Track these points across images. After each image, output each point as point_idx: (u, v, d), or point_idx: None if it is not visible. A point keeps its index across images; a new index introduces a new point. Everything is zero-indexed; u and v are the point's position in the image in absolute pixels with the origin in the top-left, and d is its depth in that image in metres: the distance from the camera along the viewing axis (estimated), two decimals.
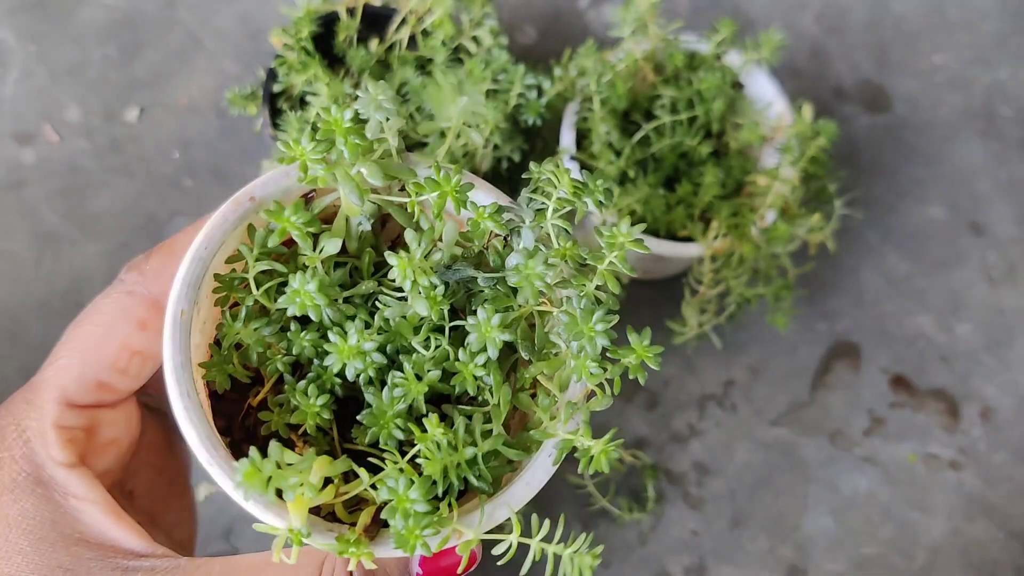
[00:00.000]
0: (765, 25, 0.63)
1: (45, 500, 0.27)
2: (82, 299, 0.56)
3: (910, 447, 0.55)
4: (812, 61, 0.62)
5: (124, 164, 0.59)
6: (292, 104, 0.48)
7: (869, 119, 0.61)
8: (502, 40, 0.48)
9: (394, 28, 0.49)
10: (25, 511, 0.27)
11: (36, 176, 0.58)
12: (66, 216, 0.58)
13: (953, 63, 0.63)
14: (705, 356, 0.55)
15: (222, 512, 0.53)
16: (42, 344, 0.55)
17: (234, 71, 0.61)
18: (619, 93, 0.44)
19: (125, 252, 0.57)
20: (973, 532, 0.54)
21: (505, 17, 0.62)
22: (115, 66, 0.61)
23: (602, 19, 0.63)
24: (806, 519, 0.54)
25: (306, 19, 0.46)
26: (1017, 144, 0.61)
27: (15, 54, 0.61)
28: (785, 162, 0.44)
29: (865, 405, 0.56)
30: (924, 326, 0.57)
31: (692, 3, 0.63)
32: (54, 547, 0.27)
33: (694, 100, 0.46)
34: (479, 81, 0.45)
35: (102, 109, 0.60)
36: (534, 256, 0.24)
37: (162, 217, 0.58)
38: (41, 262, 0.57)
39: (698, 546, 0.53)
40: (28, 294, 0.56)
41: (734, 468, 0.54)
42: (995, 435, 0.56)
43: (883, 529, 0.54)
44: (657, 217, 0.44)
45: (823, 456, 0.55)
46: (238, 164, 0.59)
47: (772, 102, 0.47)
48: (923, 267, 0.58)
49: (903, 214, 0.59)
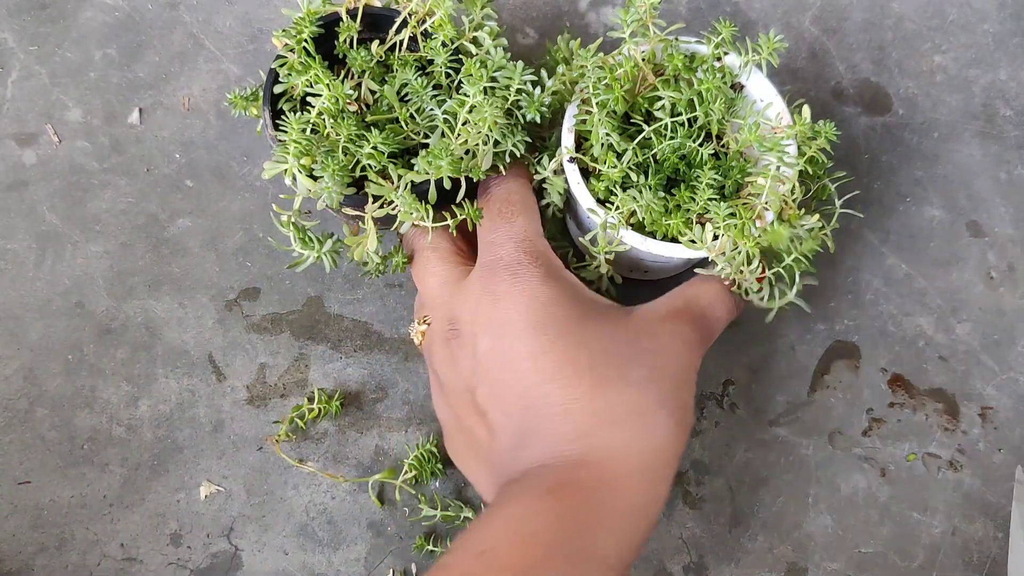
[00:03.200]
0: (765, 25, 0.63)
1: (564, 281, 0.43)
2: (83, 299, 0.56)
3: (909, 447, 0.55)
4: (812, 61, 0.62)
5: (125, 165, 0.59)
6: (293, 105, 0.48)
7: (869, 119, 0.61)
8: (502, 41, 0.48)
9: (395, 29, 0.49)
10: (558, 288, 0.42)
11: (37, 177, 0.59)
12: (67, 217, 0.58)
13: (953, 64, 0.63)
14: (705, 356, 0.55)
15: (223, 511, 0.53)
16: (42, 344, 0.55)
17: (235, 72, 0.61)
18: (617, 96, 0.44)
19: (126, 252, 0.57)
20: (972, 532, 0.54)
21: (505, 18, 0.63)
22: (116, 67, 0.61)
23: (603, 20, 0.63)
24: (806, 518, 0.54)
25: (307, 20, 0.47)
26: (1017, 144, 0.61)
27: (16, 55, 0.61)
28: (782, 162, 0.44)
29: (864, 405, 0.56)
30: (923, 326, 0.57)
31: (691, 4, 0.64)
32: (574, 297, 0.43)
33: (695, 101, 0.46)
34: (477, 80, 0.45)
35: (103, 110, 0.60)
36: None
37: (163, 218, 0.58)
38: (42, 262, 0.57)
39: (698, 546, 0.53)
40: (29, 294, 0.56)
41: (734, 468, 0.55)
42: (994, 435, 0.56)
43: (882, 528, 0.54)
44: (655, 220, 0.44)
45: (822, 456, 0.55)
46: (239, 165, 0.59)
47: (771, 102, 0.47)
48: (923, 267, 0.58)
49: (903, 214, 0.59)
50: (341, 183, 0.44)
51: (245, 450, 0.54)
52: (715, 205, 0.44)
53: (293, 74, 0.47)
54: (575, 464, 0.38)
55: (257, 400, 0.55)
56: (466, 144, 0.45)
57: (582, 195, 0.45)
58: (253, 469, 0.54)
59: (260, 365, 0.56)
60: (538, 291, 0.41)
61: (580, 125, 0.46)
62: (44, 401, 0.55)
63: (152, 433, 0.54)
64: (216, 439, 0.54)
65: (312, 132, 0.45)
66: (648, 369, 0.41)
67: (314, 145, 0.44)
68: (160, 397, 0.55)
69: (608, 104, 0.45)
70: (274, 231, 0.57)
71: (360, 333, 0.56)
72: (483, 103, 0.44)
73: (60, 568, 0.52)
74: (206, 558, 0.53)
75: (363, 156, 0.45)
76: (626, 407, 0.39)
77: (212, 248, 0.58)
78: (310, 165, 0.44)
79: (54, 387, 0.55)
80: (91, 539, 0.53)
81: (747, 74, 0.47)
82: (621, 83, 0.45)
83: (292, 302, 0.57)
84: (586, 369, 0.40)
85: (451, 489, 0.54)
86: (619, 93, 0.44)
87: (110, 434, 0.54)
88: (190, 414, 0.55)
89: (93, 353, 0.55)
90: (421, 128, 0.47)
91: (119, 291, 0.57)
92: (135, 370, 0.55)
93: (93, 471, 0.54)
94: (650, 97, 0.47)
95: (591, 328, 0.41)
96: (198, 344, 0.56)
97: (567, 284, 0.43)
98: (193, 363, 0.56)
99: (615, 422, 0.39)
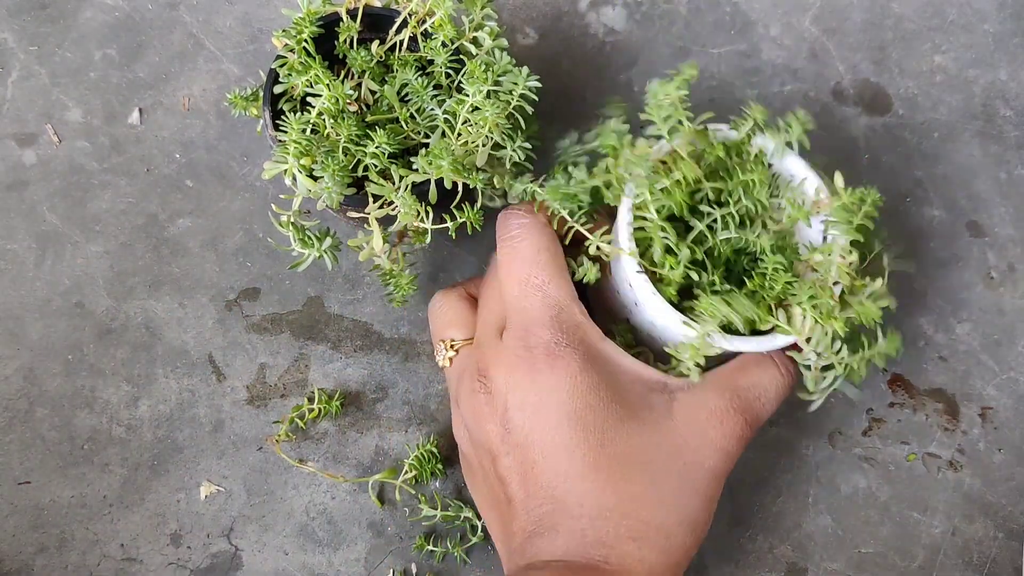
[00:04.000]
0: (765, 25, 0.63)
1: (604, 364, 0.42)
2: (83, 299, 0.56)
3: (909, 447, 0.55)
4: (812, 61, 0.62)
5: (125, 165, 0.59)
6: (294, 106, 0.48)
7: (869, 119, 0.61)
8: (502, 42, 0.48)
9: (395, 30, 0.49)
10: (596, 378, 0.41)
11: (37, 177, 0.59)
12: (67, 217, 0.58)
13: (953, 64, 0.63)
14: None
15: (223, 511, 0.53)
16: (42, 344, 0.55)
17: (235, 72, 0.61)
18: (679, 201, 0.43)
19: (126, 253, 0.57)
20: (972, 532, 0.54)
21: (506, 18, 0.63)
22: (116, 67, 0.61)
23: (603, 20, 0.63)
24: (806, 518, 0.54)
25: (307, 20, 0.47)
26: (1017, 144, 0.61)
27: (16, 55, 0.61)
28: (839, 235, 0.43)
29: (864, 405, 0.56)
30: (923, 326, 0.57)
31: (691, 4, 0.64)
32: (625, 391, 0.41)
33: (740, 191, 0.44)
34: (480, 80, 0.45)
35: (103, 110, 0.60)
36: None
37: (163, 218, 0.58)
38: (42, 262, 0.57)
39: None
40: (29, 294, 0.56)
41: (734, 468, 0.55)
42: (994, 435, 0.56)
43: (882, 528, 0.54)
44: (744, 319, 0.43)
45: (822, 456, 0.55)
46: (239, 165, 0.59)
47: (806, 177, 0.46)
48: (922, 267, 0.58)
49: (902, 214, 0.59)
50: (341, 183, 0.44)
51: (245, 450, 0.54)
52: (796, 287, 0.42)
53: (293, 74, 0.47)
54: (591, 567, 0.39)
55: (257, 400, 0.55)
56: (467, 145, 0.45)
57: (664, 312, 0.42)
58: (253, 469, 0.54)
59: (260, 365, 0.56)
60: (579, 379, 0.40)
61: (639, 232, 0.43)
62: (44, 401, 0.55)
63: (152, 433, 0.54)
64: (216, 439, 0.54)
65: (312, 132, 0.45)
66: (682, 485, 0.41)
67: (314, 145, 0.44)
68: (160, 397, 0.55)
69: (665, 209, 0.43)
70: (274, 231, 0.57)
71: (360, 333, 0.56)
72: (484, 104, 0.44)
73: (60, 568, 0.52)
74: (206, 558, 0.53)
75: (365, 156, 0.45)
76: (654, 527, 0.40)
77: (212, 248, 0.58)
78: (310, 165, 0.44)
79: (54, 387, 0.55)
80: (91, 539, 0.53)
81: (779, 155, 0.46)
82: (682, 186, 0.43)
83: (292, 302, 0.57)
84: (620, 480, 0.40)
85: (451, 489, 0.54)
86: (680, 198, 0.43)
87: (110, 434, 0.54)
88: (190, 414, 0.55)
89: (93, 353, 0.55)
90: (421, 128, 0.47)
91: (119, 291, 0.57)
92: (135, 370, 0.55)
93: (93, 471, 0.54)
94: (692, 191, 0.45)
95: (632, 432, 0.40)
96: (198, 344, 0.56)
97: (609, 369, 0.41)
98: (193, 363, 0.56)
99: (639, 539, 0.39)
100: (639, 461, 0.40)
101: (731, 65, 0.62)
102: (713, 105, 0.61)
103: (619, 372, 0.42)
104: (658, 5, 0.64)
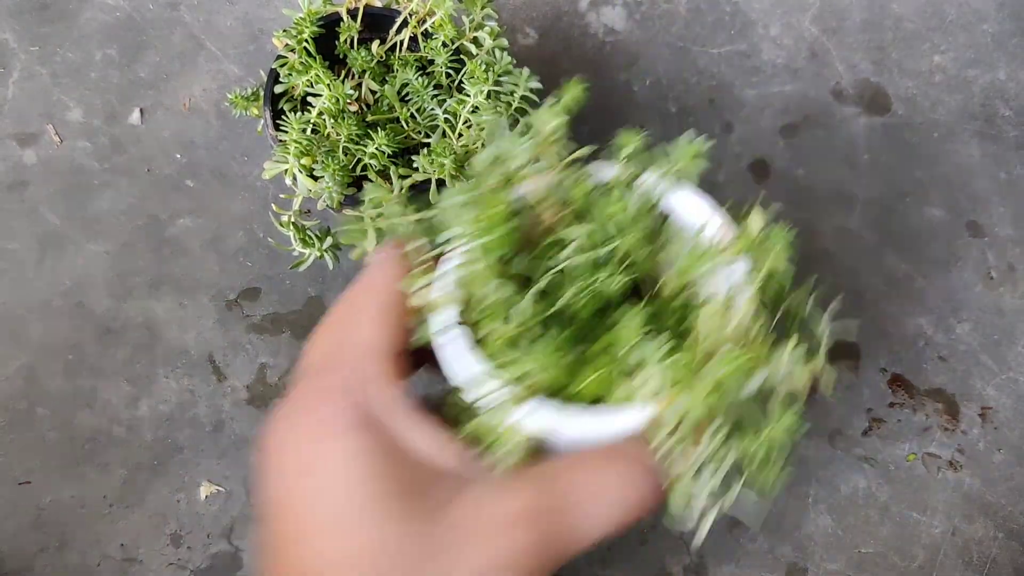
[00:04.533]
0: (765, 25, 0.63)
1: (381, 434, 0.31)
2: (83, 299, 0.56)
3: (909, 447, 0.55)
4: (812, 61, 0.62)
5: (126, 165, 0.59)
6: (294, 106, 0.48)
7: (869, 119, 0.61)
8: (502, 42, 0.48)
9: (395, 29, 0.49)
10: (365, 446, 0.31)
11: (38, 177, 0.59)
12: (68, 217, 0.58)
13: (952, 64, 0.63)
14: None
15: (223, 512, 0.53)
16: (42, 344, 0.55)
17: (236, 72, 0.61)
18: (501, 237, 0.34)
19: (126, 253, 0.57)
20: (972, 532, 0.54)
21: (506, 18, 0.63)
22: (117, 67, 0.61)
23: (603, 20, 0.63)
24: (806, 519, 0.54)
25: (308, 20, 0.47)
26: (1016, 145, 0.61)
27: (17, 55, 0.61)
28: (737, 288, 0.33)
29: (864, 405, 0.56)
30: (923, 326, 0.57)
31: (691, 4, 0.64)
32: (397, 469, 0.31)
33: (605, 234, 0.35)
34: (480, 81, 0.45)
35: (104, 110, 0.60)
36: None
37: (164, 218, 0.58)
38: (43, 262, 0.57)
39: (698, 545, 0.53)
40: (30, 294, 0.56)
41: None
42: (994, 435, 0.56)
43: (882, 528, 0.54)
44: (567, 381, 0.32)
45: (823, 456, 0.55)
46: (240, 165, 0.59)
47: (707, 220, 0.36)
48: (922, 267, 0.58)
49: (902, 214, 0.59)
50: (341, 183, 0.44)
51: (245, 450, 0.54)
52: (648, 344, 0.32)
53: (294, 74, 0.47)
54: None
55: (257, 400, 0.55)
56: (467, 145, 0.45)
57: (461, 359, 0.32)
58: (253, 469, 0.54)
59: (260, 365, 0.56)
60: (345, 455, 0.31)
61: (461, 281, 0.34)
62: (45, 401, 0.55)
63: (152, 433, 0.54)
64: (216, 439, 0.54)
65: (312, 132, 0.45)
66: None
67: (314, 145, 0.44)
68: (160, 397, 0.55)
69: (492, 248, 0.33)
70: (274, 231, 0.57)
71: None
72: (485, 105, 0.44)
73: (60, 568, 0.52)
74: (206, 558, 0.53)
75: (365, 156, 0.45)
76: None
77: (212, 248, 0.58)
78: (310, 165, 0.44)
79: (54, 387, 0.55)
80: (91, 539, 0.53)
81: (669, 193, 0.36)
82: (505, 222, 0.33)
83: (292, 302, 0.57)
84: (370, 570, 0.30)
85: None
86: (502, 231, 0.33)
87: (110, 434, 0.54)
88: (190, 414, 0.55)
89: (93, 353, 0.55)
90: (422, 128, 0.47)
91: (120, 291, 0.57)
92: (135, 370, 0.55)
93: (93, 471, 0.54)
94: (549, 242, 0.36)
95: (404, 518, 0.30)
96: (198, 344, 0.56)
97: (388, 446, 0.32)
98: (193, 363, 0.56)
99: None
100: (403, 554, 0.30)
101: (731, 65, 0.62)
102: (713, 106, 0.61)
103: (405, 450, 0.32)
104: (658, 5, 0.64)
